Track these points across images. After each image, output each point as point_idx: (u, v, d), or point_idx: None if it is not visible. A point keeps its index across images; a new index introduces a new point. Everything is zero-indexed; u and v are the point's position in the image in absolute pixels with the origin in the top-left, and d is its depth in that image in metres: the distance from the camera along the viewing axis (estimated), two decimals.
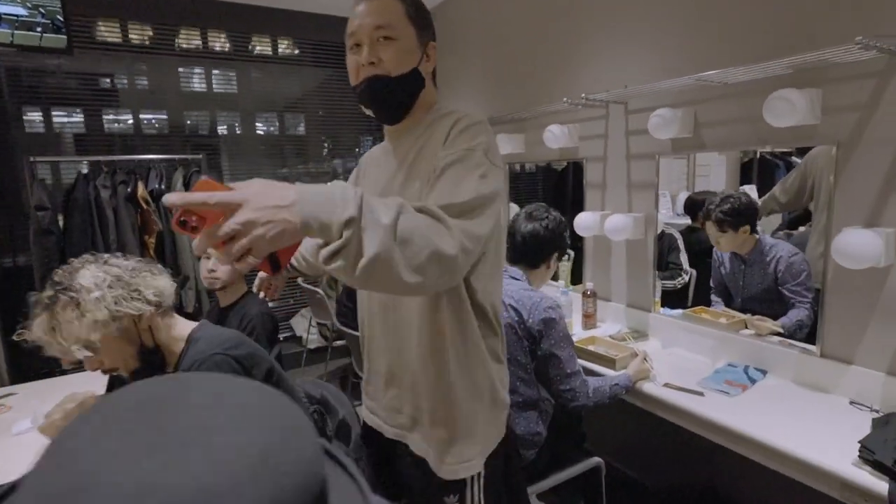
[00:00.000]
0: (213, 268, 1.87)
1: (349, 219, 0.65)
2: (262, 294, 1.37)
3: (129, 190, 2.73)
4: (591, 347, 1.85)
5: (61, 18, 2.10)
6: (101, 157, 2.80)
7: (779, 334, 1.69)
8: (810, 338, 1.59)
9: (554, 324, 1.50)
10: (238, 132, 3.48)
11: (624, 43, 2.06)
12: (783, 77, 1.52)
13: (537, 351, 1.51)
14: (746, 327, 1.80)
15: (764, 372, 1.63)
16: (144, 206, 2.74)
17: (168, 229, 2.83)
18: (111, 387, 1.45)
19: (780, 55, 1.43)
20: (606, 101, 2.09)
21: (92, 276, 1.08)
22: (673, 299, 2.04)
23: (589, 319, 2.17)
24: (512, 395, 1.50)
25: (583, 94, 2.03)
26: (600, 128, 2.22)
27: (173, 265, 2.83)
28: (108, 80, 3.00)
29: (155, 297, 1.17)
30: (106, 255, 1.20)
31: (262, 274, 1.43)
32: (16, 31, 2.04)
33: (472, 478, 1.01)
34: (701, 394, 1.51)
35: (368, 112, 1.03)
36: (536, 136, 2.47)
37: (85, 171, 2.77)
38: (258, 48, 3.38)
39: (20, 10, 2.02)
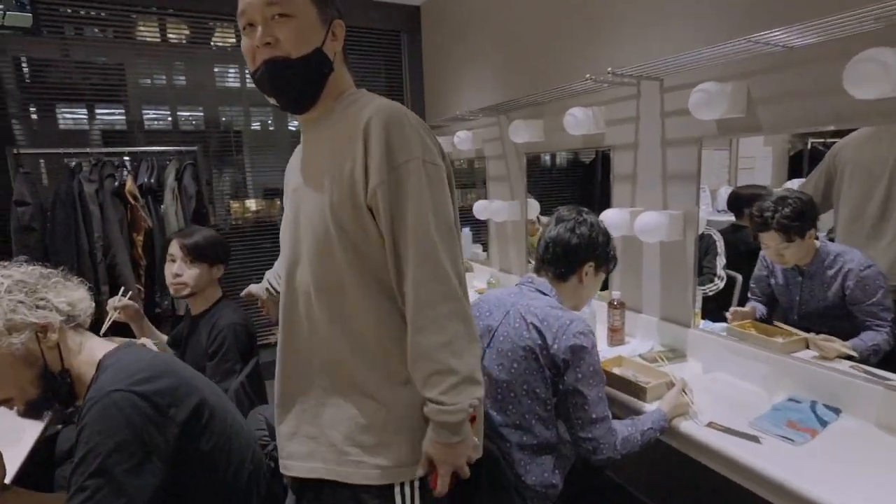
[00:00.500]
0: (179, 272, 1.65)
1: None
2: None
3: (116, 184, 2.56)
4: (617, 370, 1.55)
5: None
6: (87, 150, 2.63)
7: (850, 358, 1.36)
8: (888, 364, 1.27)
9: (584, 353, 1.21)
10: (271, 128, 3.34)
11: (656, 3, 1.74)
12: (869, 34, 1.19)
13: (560, 384, 1.22)
14: (808, 347, 1.47)
15: (837, 411, 1.30)
16: (132, 201, 2.56)
17: (158, 226, 2.65)
18: None
19: (865, 3, 1.09)
20: (637, 77, 1.77)
21: None
22: (714, 310, 1.72)
23: (615, 334, 1.86)
24: (525, 435, 1.23)
25: (609, 69, 1.71)
26: (630, 109, 1.90)
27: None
28: (112, 74, 2.83)
29: (67, 306, 0.96)
30: (11, 263, 0.99)
31: (252, 287, 1.44)
32: None
33: None
34: (756, 439, 1.19)
35: (272, 101, 0.94)
36: (557, 122, 2.16)
37: (73, 164, 2.60)
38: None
39: None
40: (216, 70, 3.11)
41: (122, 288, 1.81)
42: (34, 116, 2.70)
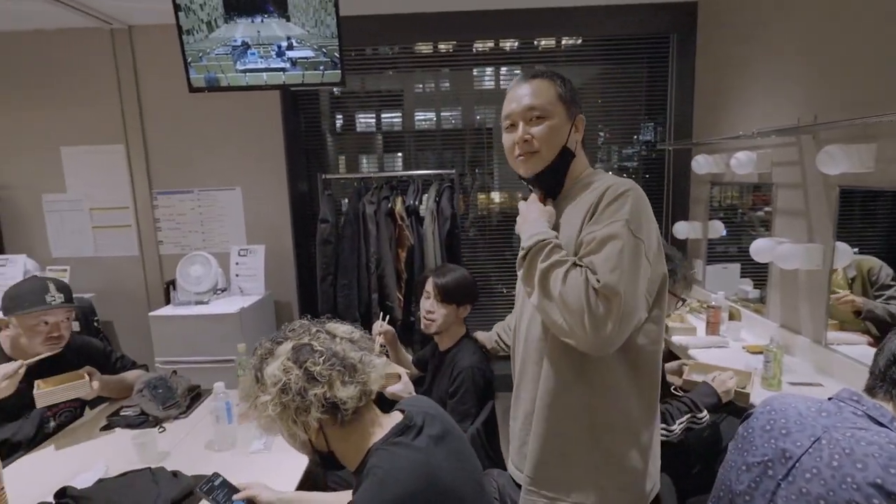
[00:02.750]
0: (431, 309, 1.75)
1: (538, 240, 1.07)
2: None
3: (389, 206, 2.93)
4: None
5: (338, 56, 2.29)
6: (370, 175, 3.09)
7: None
8: None
9: None
10: None
11: None
12: None
13: None
14: None
15: None
16: (399, 221, 2.90)
17: (419, 244, 2.95)
18: None
19: None
20: None
21: (275, 371, 0.96)
22: None
23: None
24: None
25: None
26: None
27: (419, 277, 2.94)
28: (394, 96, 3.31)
29: (327, 413, 0.96)
30: (325, 330, 1.05)
31: (479, 335, 1.79)
32: (305, 72, 2.31)
33: None
34: None
35: (529, 187, 1.19)
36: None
37: (363, 187, 3.09)
38: (543, 43, 3.23)
39: (309, 53, 2.29)
40: (475, 73, 3.33)
41: (382, 313, 2.04)
42: (338, 148, 3.33)
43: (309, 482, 1.46)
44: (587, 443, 1.09)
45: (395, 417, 1.05)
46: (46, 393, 1.61)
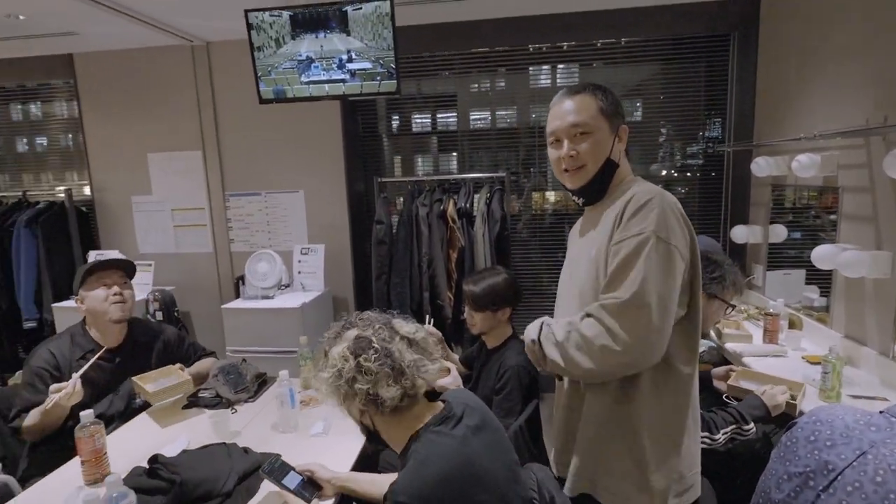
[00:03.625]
0: (469, 315, 1.84)
1: (532, 340, 1.19)
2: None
3: (441, 207, 3.03)
4: None
5: (394, 66, 2.41)
6: (423, 178, 3.20)
7: None
8: None
9: None
10: None
11: None
12: None
13: None
14: None
15: None
16: (451, 223, 3.00)
17: (469, 246, 3.03)
18: None
19: None
20: None
21: (336, 354, 1.10)
22: None
23: None
24: None
25: None
26: None
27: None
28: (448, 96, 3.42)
29: (368, 405, 1.08)
30: (390, 326, 1.15)
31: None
32: (363, 83, 2.45)
33: None
34: None
35: (573, 197, 1.24)
36: None
37: (417, 189, 3.21)
38: (601, 41, 3.18)
39: (367, 65, 2.43)
40: (530, 71, 3.33)
41: (428, 316, 2.14)
42: (394, 149, 3.47)
43: (362, 465, 1.58)
44: (621, 445, 1.13)
45: (438, 407, 1.15)
46: (158, 392, 1.81)
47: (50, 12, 2.64)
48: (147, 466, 1.38)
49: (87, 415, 1.44)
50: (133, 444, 1.67)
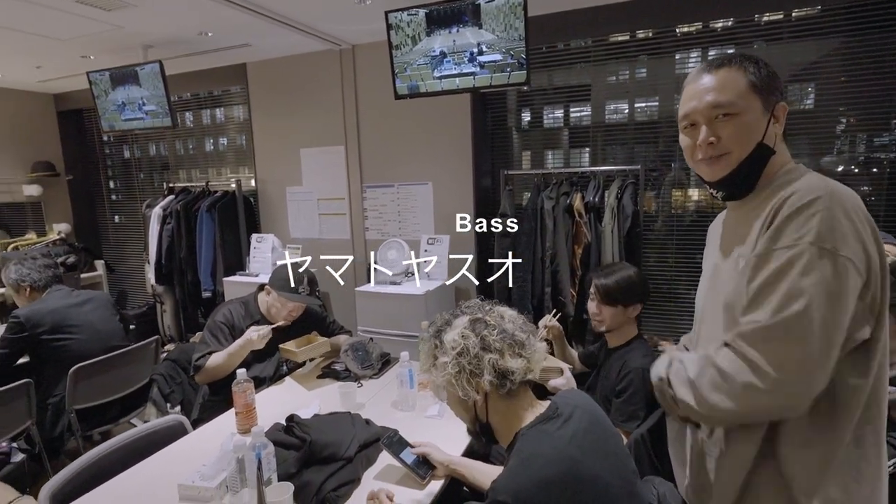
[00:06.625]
0: (597, 310, 1.74)
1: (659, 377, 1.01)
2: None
3: (567, 201, 2.93)
4: None
5: (524, 57, 2.38)
6: (551, 170, 3.12)
7: None
8: None
9: None
10: None
11: None
12: None
13: None
14: None
15: None
16: (578, 217, 2.88)
17: (596, 242, 2.89)
18: None
19: None
20: None
21: (454, 336, 1.11)
22: None
23: None
24: None
25: None
26: None
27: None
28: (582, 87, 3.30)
29: (496, 378, 1.07)
30: (496, 311, 1.17)
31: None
32: (493, 75, 2.46)
33: None
34: None
35: (710, 190, 1.02)
36: None
37: (543, 182, 3.15)
38: (766, 16, 2.79)
39: (497, 56, 2.43)
40: (677, 58, 3.03)
41: (554, 311, 2.08)
42: (523, 144, 3.44)
43: (472, 452, 1.60)
44: (769, 488, 0.93)
45: (545, 405, 1.12)
46: (303, 350, 2.09)
47: (231, 28, 3.07)
48: (285, 424, 1.55)
49: (241, 373, 1.67)
50: (276, 403, 1.89)
